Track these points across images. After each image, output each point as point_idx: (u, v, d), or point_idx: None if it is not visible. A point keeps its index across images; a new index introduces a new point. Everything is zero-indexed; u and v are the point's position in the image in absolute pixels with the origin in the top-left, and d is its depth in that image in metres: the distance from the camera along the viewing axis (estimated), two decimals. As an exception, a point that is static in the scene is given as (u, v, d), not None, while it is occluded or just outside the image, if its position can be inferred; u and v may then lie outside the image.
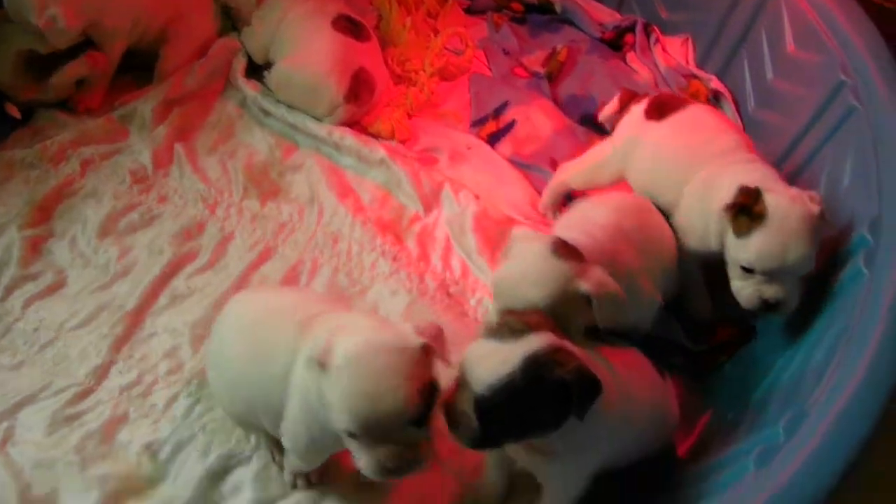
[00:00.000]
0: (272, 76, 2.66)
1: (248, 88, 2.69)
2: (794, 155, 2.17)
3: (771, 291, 1.74)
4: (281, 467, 1.76)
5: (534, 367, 1.32)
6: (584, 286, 1.58)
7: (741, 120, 2.54)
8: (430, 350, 1.42)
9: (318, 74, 2.55)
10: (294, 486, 1.75)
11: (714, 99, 2.64)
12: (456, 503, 1.75)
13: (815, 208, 1.71)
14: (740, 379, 1.93)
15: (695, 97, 2.63)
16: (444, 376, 1.46)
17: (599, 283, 1.60)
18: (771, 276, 1.73)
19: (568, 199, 2.31)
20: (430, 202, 2.40)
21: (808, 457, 1.29)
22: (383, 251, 2.27)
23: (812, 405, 1.41)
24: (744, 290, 1.78)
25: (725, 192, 1.78)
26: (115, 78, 2.67)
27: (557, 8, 3.15)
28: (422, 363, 1.41)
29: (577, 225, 1.81)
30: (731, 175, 1.84)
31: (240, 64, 2.77)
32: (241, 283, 2.17)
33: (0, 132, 2.52)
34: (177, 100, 2.65)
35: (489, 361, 1.33)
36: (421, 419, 1.39)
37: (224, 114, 2.68)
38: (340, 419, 1.38)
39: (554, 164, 2.50)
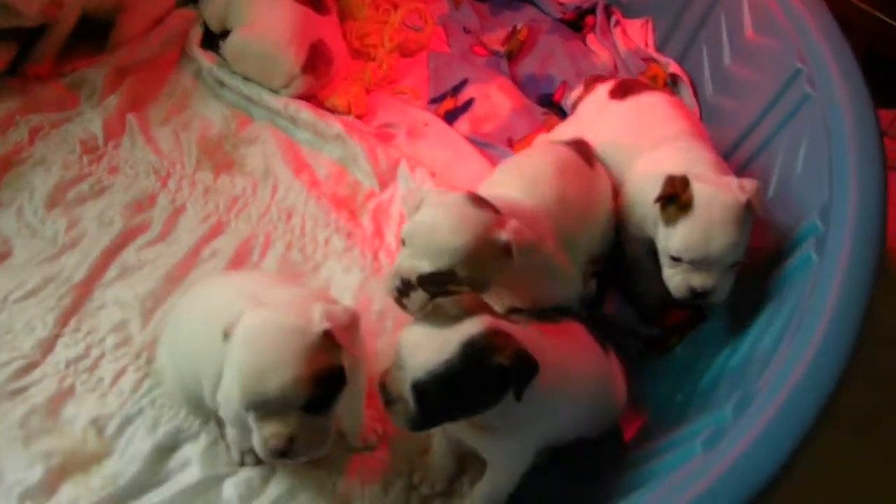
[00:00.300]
0: (228, 45, 2.60)
1: (204, 59, 2.64)
2: (749, 141, 2.19)
3: (698, 280, 1.75)
4: (229, 445, 1.75)
5: (471, 353, 1.31)
6: (504, 235, 1.54)
7: (699, 105, 2.56)
8: (332, 337, 1.40)
9: (275, 44, 2.51)
10: (242, 464, 1.74)
11: (672, 83, 2.66)
12: (405, 482, 1.75)
13: (743, 197, 1.71)
14: (690, 362, 1.95)
15: (653, 81, 2.65)
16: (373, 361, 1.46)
17: (518, 231, 1.55)
18: (697, 265, 1.74)
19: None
20: (385, 179, 2.38)
21: (755, 439, 1.30)
22: (337, 227, 2.25)
23: (760, 388, 1.42)
24: (673, 278, 1.79)
25: (656, 184, 1.78)
26: (68, 46, 2.60)
27: (519, -14, 3.14)
28: (321, 349, 1.38)
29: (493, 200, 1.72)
30: (666, 162, 1.86)
31: (196, 34, 2.72)
32: (192, 257, 2.14)
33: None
34: (129, 69, 2.60)
35: (426, 348, 1.32)
36: (315, 405, 1.38)
37: (178, 84, 2.63)
38: (234, 391, 1.37)
39: (511, 144, 2.50)
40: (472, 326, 1.34)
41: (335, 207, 2.30)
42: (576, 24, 3.03)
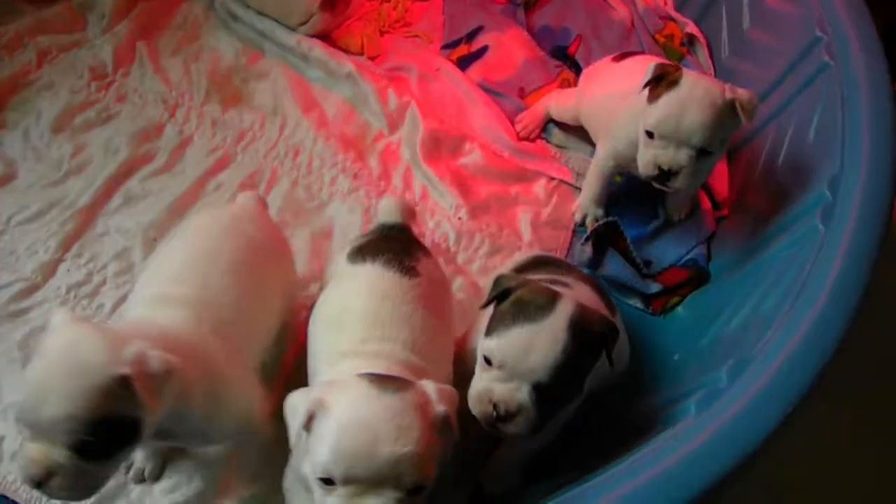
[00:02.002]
0: (244, -21, 2.57)
1: (218, -9, 2.61)
2: (763, 106, 2.16)
3: (665, 157, 1.78)
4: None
5: (577, 332, 1.31)
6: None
7: (714, 67, 2.53)
8: (131, 384, 1.17)
9: (294, -21, 2.47)
10: None
11: (689, 43, 2.63)
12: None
13: (730, 94, 1.74)
14: (690, 323, 1.96)
15: (670, 40, 2.62)
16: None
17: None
18: (668, 140, 1.77)
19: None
20: (395, 120, 2.36)
21: (747, 403, 1.31)
22: (344, 167, 2.24)
23: (757, 353, 1.43)
24: (643, 156, 1.83)
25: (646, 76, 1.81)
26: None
27: (539, -64, 3.09)
28: (112, 394, 1.16)
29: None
30: None
31: (209, -36, 2.68)
32: (197, 189, 2.14)
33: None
34: (140, -5, 2.56)
35: (536, 347, 1.31)
36: (87, 451, 1.17)
37: (190, 14, 2.60)
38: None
39: (522, 94, 2.49)
40: (565, 308, 1.33)
41: (343, 147, 2.29)
42: (595, -23, 2.98)
